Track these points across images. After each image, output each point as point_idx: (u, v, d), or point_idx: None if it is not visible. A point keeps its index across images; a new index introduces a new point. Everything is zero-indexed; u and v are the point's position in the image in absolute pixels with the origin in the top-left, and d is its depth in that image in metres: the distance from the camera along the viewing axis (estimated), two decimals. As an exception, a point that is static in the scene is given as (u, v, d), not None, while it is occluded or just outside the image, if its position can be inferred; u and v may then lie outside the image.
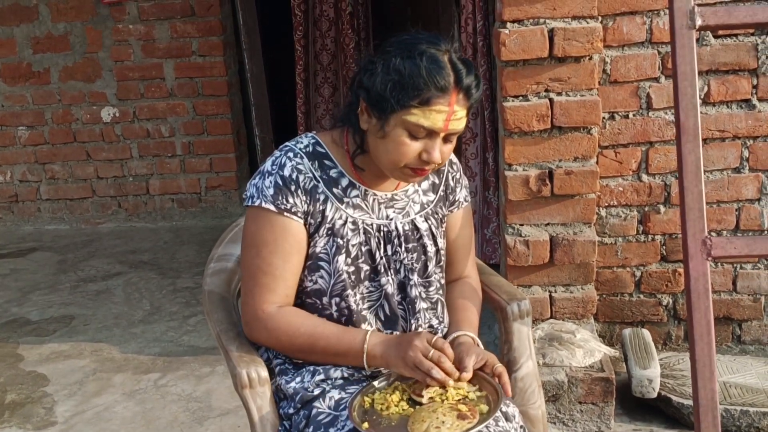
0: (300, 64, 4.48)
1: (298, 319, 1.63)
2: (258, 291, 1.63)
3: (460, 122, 1.55)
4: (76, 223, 5.38)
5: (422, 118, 1.51)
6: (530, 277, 2.74)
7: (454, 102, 1.51)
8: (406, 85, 1.50)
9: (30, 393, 3.06)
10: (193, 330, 3.55)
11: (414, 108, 1.50)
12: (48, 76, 5.14)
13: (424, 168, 1.57)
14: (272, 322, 1.62)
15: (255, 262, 1.63)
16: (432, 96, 1.49)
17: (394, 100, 1.50)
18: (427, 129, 1.52)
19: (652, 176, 2.82)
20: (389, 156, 1.56)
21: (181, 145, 5.19)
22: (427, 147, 1.54)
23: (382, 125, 1.54)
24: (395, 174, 1.61)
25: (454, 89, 1.51)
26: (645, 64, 2.71)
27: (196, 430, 2.73)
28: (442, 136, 1.54)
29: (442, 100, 1.50)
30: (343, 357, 1.61)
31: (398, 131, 1.53)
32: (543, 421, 1.83)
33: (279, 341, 1.64)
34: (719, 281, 2.92)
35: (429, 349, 1.51)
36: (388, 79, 1.51)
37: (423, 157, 1.55)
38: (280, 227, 1.60)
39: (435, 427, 1.42)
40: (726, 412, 2.49)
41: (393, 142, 1.54)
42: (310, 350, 1.62)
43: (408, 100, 1.50)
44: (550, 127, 2.58)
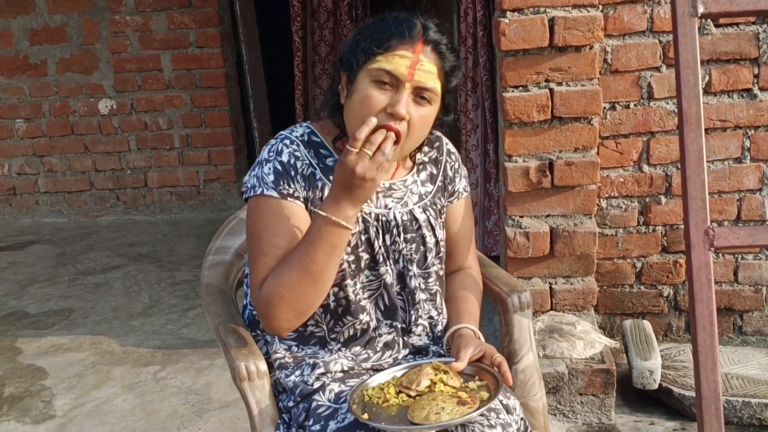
0: (298, 55, 4.46)
1: (275, 270, 1.53)
2: (257, 272, 1.55)
3: (428, 76, 1.51)
4: (74, 215, 5.37)
5: (385, 63, 1.49)
6: (530, 268, 2.73)
7: (419, 50, 1.50)
8: (372, 36, 1.52)
9: (29, 386, 3.05)
10: (192, 323, 3.54)
11: (378, 55, 1.50)
12: (45, 68, 5.12)
13: (391, 124, 1.48)
14: (265, 290, 1.52)
15: (257, 247, 1.57)
16: (396, 42, 1.50)
17: (361, 51, 1.51)
18: (390, 74, 1.49)
19: (653, 167, 2.81)
20: (356, 113, 1.51)
21: (179, 137, 5.17)
22: (392, 100, 1.49)
23: (351, 84, 1.54)
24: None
25: (421, 39, 1.51)
26: (646, 53, 2.69)
27: (196, 422, 2.72)
28: (409, 88, 1.50)
29: (405, 46, 1.50)
30: (326, 241, 1.48)
31: (364, 84, 1.51)
32: (544, 413, 1.82)
33: (284, 301, 1.51)
34: (720, 272, 2.91)
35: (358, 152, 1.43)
36: (357, 36, 1.55)
37: (388, 110, 1.49)
38: (284, 212, 1.57)
39: (435, 413, 1.41)
40: (728, 403, 2.49)
41: (359, 97, 1.51)
42: (307, 270, 1.49)
43: (372, 46, 1.50)
44: (551, 118, 2.56)
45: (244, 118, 5.31)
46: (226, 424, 2.69)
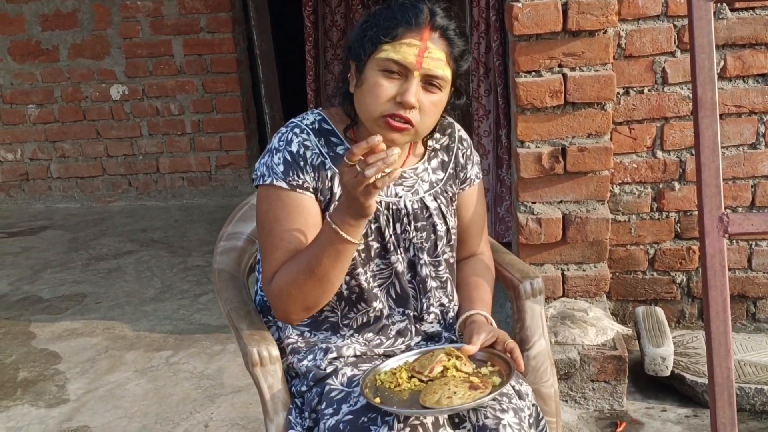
0: (309, 41, 4.44)
1: (287, 266, 1.54)
2: (268, 266, 1.58)
3: (437, 64, 1.49)
4: (86, 201, 5.39)
5: (392, 53, 1.48)
6: (542, 255, 2.72)
7: (427, 38, 1.49)
8: (378, 24, 1.51)
9: (42, 370, 3.08)
10: (205, 308, 3.55)
11: (386, 44, 1.49)
12: (57, 53, 5.13)
13: (401, 114, 1.49)
14: (275, 286, 1.55)
15: (268, 239, 1.59)
16: (403, 30, 1.49)
17: (368, 40, 1.50)
18: (398, 63, 1.48)
19: (667, 152, 2.79)
20: (366, 103, 1.52)
21: (191, 123, 5.18)
22: (401, 89, 1.49)
23: (360, 74, 1.53)
24: (375, 128, 1.53)
25: (428, 26, 1.49)
26: (660, 38, 2.66)
27: (208, 407, 2.73)
28: (417, 76, 1.49)
29: (413, 34, 1.48)
30: (334, 251, 1.48)
31: (373, 73, 1.51)
32: (555, 399, 1.82)
33: (292, 297, 1.54)
34: (734, 259, 2.89)
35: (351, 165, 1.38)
36: (364, 25, 1.54)
37: (398, 100, 1.49)
38: (292, 203, 1.58)
39: (447, 397, 1.41)
40: (740, 390, 2.48)
41: (368, 86, 1.51)
42: (314, 276, 1.50)
43: (381, 37, 1.49)
44: (564, 103, 2.54)
45: (255, 103, 5.31)
46: (238, 409, 2.70)
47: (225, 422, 2.63)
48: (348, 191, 1.41)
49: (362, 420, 1.47)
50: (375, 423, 1.45)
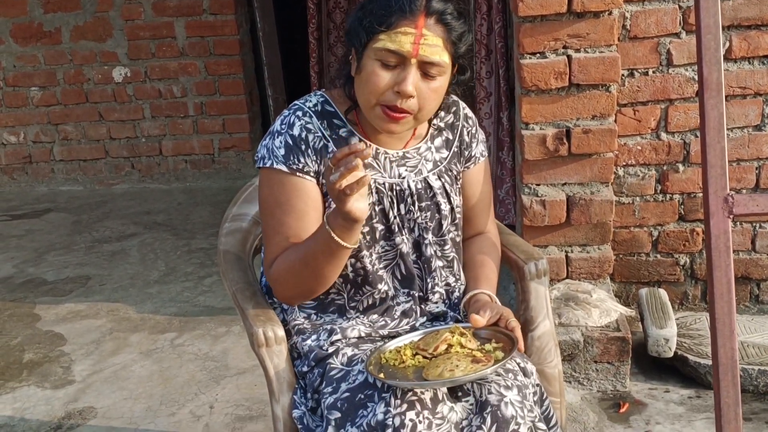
0: (312, 22, 4.41)
1: (287, 253, 1.57)
2: (270, 251, 1.61)
3: (434, 50, 1.48)
4: (89, 184, 5.39)
5: (388, 42, 1.47)
6: (546, 237, 2.72)
7: (422, 25, 1.47)
8: (373, 12, 1.49)
9: (47, 352, 3.09)
10: (209, 290, 3.56)
11: (381, 33, 1.47)
12: (59, 35, 5.11)
13: (398, 105, 1.49)
14: (274, 272, 1.59)
15: (270, 223, 1.62)
16: (398, 18, 1.47)
17: (364, 30, 1.49)
18: (394, 53, 1.47)
19: (671, 134, 2.78)
20: (363, 92, 1.52)
21: (194, 105, 5.16)
22: (398, 78, 1.49)
23: (359, 62, 1.52)
24: (372, 117, 1.55)
25: (423, 12, 1.47)
26: (666, 19, 2.65)
27: (213, 388, 2.75)
28: (414, 64, 1.48)
29: (407, 22, 1.46)
30: (327, 251, 1.50)
31: (370, 62, 1.50)
32: (559, 379, 1.83)
33: (289, 283, 1.58)
34: (738, 240, 2.89)
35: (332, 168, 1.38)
36: (359, 13, 1.52)
37: (395, 89, 1.49)
38: (292, 187, 1.59)
39: (449, 370, 1.42)
40: (743, 371, 2.48)
41: (366, 75, 1.51)
42: (310, 270, 1.53)
43: (376, 26, 1.47)
44: (568, 85, 2.53)
45: (258, 85, 5.29)
46: (243, 390, 2.72)
47: (230, 403, 2.65)
48: (333, 191, 1.40)
49: (359, 397, 1.49)
50: (372, 399, 1.46)
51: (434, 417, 1.41)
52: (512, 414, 1.45)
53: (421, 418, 1.40)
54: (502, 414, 1.44)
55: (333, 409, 1.50)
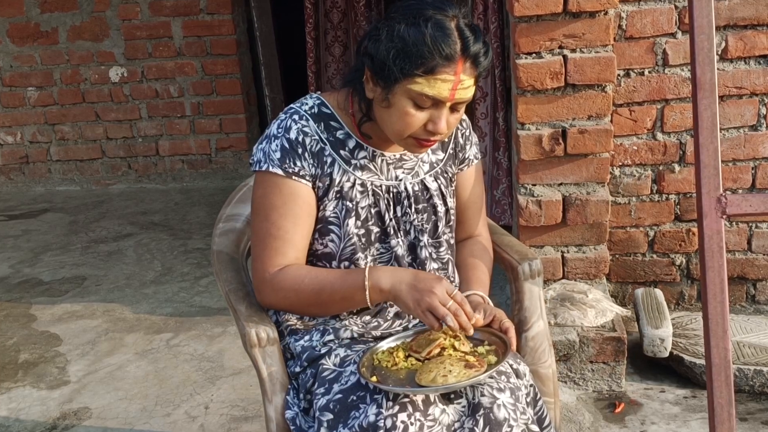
0: (310, 22, 4.42)
1: (301, 272, 1.59)
2: (266, 255, 1.61)
3: (468, 91, 1.50)
4: (86, 184, 5.39)
5: (427, 88, 1.46)
6: (542, 237, 2.72)
7: (460, 71, 1.46)
8: (410, 54, 1.44)
9: (43, 353, 3.09)
10: (205, 291, 3.56)
11: (418, 77, 1.45)
12: (56, 35, 5.11)
13: (430, 139, 1.53)
14: (277, 281, 1.60)
15: (264, 226, 1.61)
16: (437, 65, 1.44)
17: (398, 69, 1.45)
18: (432, 98, 1.47)
19: (667, 134, 2.78)
20: (394, 126, 1.53)
21: (191, 105, 5.16)
22: (432, 117, 1.50)
23: (387, 95, 1.50)
24: (401, 144, 1.58)
25: (461, 57, 1.45)
26: (662, 19, 2.65)
27: (209, 389, 2.74)
28: (448, 105, 1.50)
29: (447, 69, 1.45)
30: (350, 300, 1.57)
31: (403, 101, 1.49)
32: (553, 379, 1.83)
33: (287, 299, 1.61)
34: (734, 241, 2.89)
35: (448, 299, 1.45)
36: (391, 47, 1.46)
37: (429, 128, 1.51)
38: (288, 191, 1.59)
39: (442, 376, 1.41)
40: (739, 371, 2.48)
41: (398, 112, 1.50)
42: (318, 301, 1.58)
43: (412, 68, 1.44)
44: (564, 85, 2.53)
45: (255, 85, 5.29)
46: (239, 391, 2.71)
47: (225, 404, 2.64)
48: (419, 298, 1.46)
49: (351, 398, 1.48)
50: (364, 401, 1.46)
51: (426, 419, 1.41)
52: (505, 416, 1.44)
53: (412, 420, 1.40)
54: (494, 416, 1.44)
55: (325, 411, 1.50)
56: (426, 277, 1.49)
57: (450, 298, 1.46)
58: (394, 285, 1.50)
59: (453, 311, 1.45)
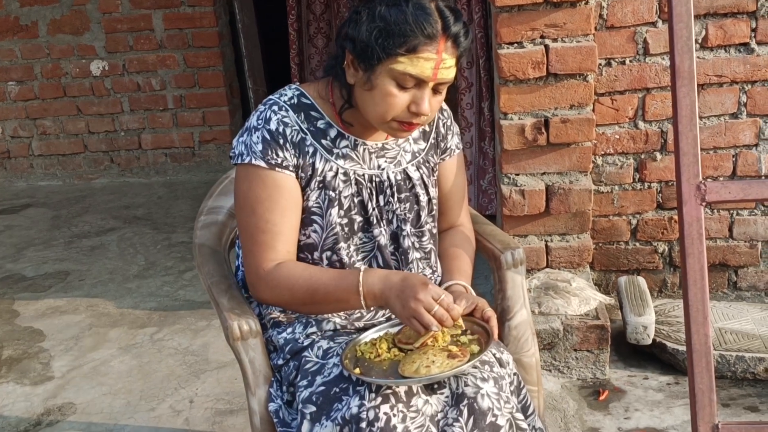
0: (292, 14, 4.39)
1: (296, 271, 1.58)
2: (257, 250, 1.60)
3: (450, 71, 1.50)
4: (69, 178, 5.35)
5: (410, 66, 1.46)
6: (526, 226, 2.73)
7: (442, 50, 1.47)
8: (392, 33, 1.45)
9: (26, 348, 3.07)
10: (189, 284, 3.54)
11: (401, 56, 1.46)
12: (36, 29, 5.06)
13: (413, 121, 1.53)
14: (272, 279, 1.59)
15: (251, 221, 1.60)
16: (419, 43, 1.45)
17: (380, 49, 1.46)
18: (415, 77, 1.48)
19: (649, 123, 2.79)
20: (377, 109, 1.52)
21: (173, 98, 5.13)
22: (415, 98, 1.50)
23: (369, 77, 1.50)
24: (384, 128, 1.58)
25: (442, 36, 1.47)
26: (642, 8, 2.65)
27: (193, 382, 2.74)
28: (431, 86, 1.50)
29: (429, 48, 1.46)
30: (344, 302, 1.56)
31: (386, 82, 1.49)
32: (537, 368, 1.84)
33: (282, 297, 1.60)
34: (715, 228, 2.91)
35: (433, 305, 1.44)
36: (373, 27, 1.47)
37: (412, 109, 1.51)
38: (272, 183, 1.58)
39: (425, 366, 1.42)
40: (721, 357, 2.50)
41: (380, 93, 1.50)
42: (312, 301, 1.58)
43: (395, 47, 1.45)
44: (546, 75, 2.53)
45: (238, 78, 5.26)
46: (224, 384, 2.71)
47: (210, 397, 2.64)
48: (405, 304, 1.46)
49: (334, 390, 1.49)
50: (347, 393, 1.46)
51: (409, 410, 1.41)
52: (489, 406, 1.45)
53: (395, 411, 1.40)
54: (478, 406, 1.44)
55: (308, 403, 1.50)
56: (413, 282, 1.48)
57: (436, 304, 1.45)
58: (384, 290, 1.51)
59: (439, 317, 1.44)
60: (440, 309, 1.45)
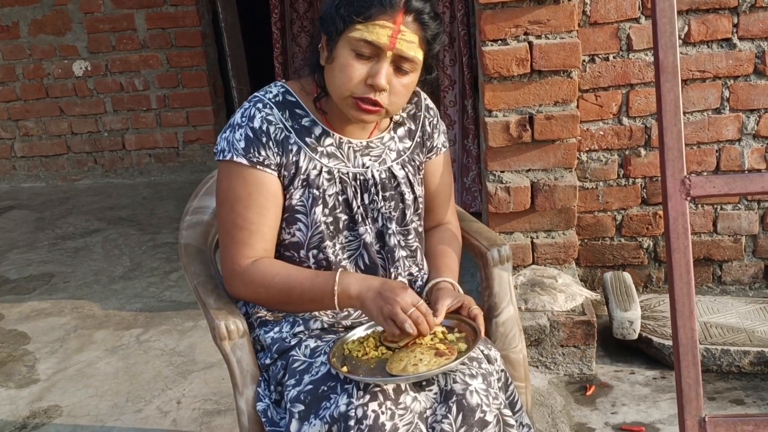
0: (276, 12, 4.38)
1: (272, 269, 1.59)
2: (234, 247, 1.60)
3: (410, 46, 1.49)
4: (52, 180, 5.31)
5: (365, 33, 1.47)
6: (512, 223, 2.73)
7: (400, 21, 1.47)
8: (352, 2, 1.48)
9: (11, 351, 3.04)
10: (175, 285, 3.53)
11: (358, 24, 1.47)
12: (17, 30, 5.02)
13: (370, 97, 1.50)
14: (248, 275, 1.59)
15: (230, 217, 1.60)
16: (376, 11, 1.47)
17: (340, 18, 1.48)
18: (371, 44, 1.47)
19: (633, 119, 2.80)
20: (336, 82, 1.52)
21: (156, 98, 5.10)
22: (372, 70, 1.49)
23: (332, 50, 1.52)
24: (345, 107, 1.55)
25: (402, 8, 1.47)
26: (625, 4, 2.67)
27: (180, 383, 2.72)
28: (389, 57, 1.49)
29: (386, 16, 1.47)
30: (319, 302, 1.58)
31: (345, 52, 1.50)
32: (524, 364, 1.84)
33: (257, 294, 1.62)
34: (700, 223, 2.93)
35: (410, 307, 1.46)
36: (337, 1, 1.51)
37: (368, 82, 1.49)
38: (253, 181, 1.57)
39: (413, 364, 1.42)
40: (707, 351, 2.52)
41: (339, 65, 1.51)
42: (287, 300, 1.59)
43: (352, 15, 1.47)
44: (530, 72, 2.54)
45: (222, 77, 5.24)
46: (211, 384, 2.70)
47: (197, 398, 2.63)
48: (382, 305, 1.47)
49: (322, 389, 1.48)
50: (335, 391, 1.46)
51: (397, 407, 1.41)
52: (477, 402, 1.45)
53: (383, 408, 1.40)
54: (467, 403, 1.44)
55: (296, 402, 1.50)
56: (393, 286, 1.49)
57: (413, 307, 1.46)
58: (361, 292, 1.51)
59: (414, 318, 1.45)
60: (416, 311, 1.45)
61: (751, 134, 2.81)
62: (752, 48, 2.70)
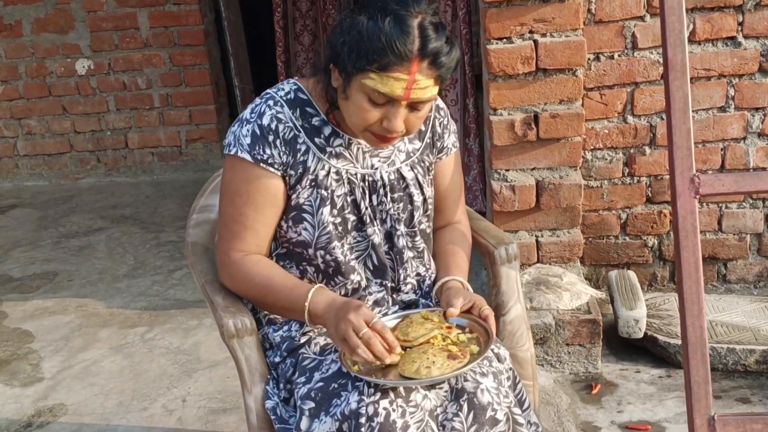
0: (278, 11, 4.38)
1: (255, 268, 1.61)
2: (227, 238, 1.63)
3: (425, 92, 1.45)
4: (55, 178, 5.31)
5: (379, 84, 1.42)
6: (517, 222, 2.73)
7: (415, 70, 1.41)
8: (363, 49, 1.41)
9: (16, 350, 3.04)
10: (179, 283, 3.53)
11: (372, 73, 1.41)
12: (20, 28, 5.01)
13: (387, 136, 1.50)
14: (233, 269, 1.63)
15: (228, 210, 1.63)
16: (390, 62, 1.40)
17: (351, 63, 1.43)
18: (385, 96, 1.44)
19: (638, 117, 2.80)
20: (351, 119, 1.51)
21: (159, 97, 5.10)
22: (387, 115, 1.47)
23: (345, 86, 1.48)
24: (362, 137, 1.56)
25: (417, 57, 1.40)
26: (630, 2, 2.66)
27: (185, 382, 2.72)
28: (404, 104, 1.46)
29: (400, 68, 1.40)
30: (290, 312, 1.59)
31: (359, 96, 1.46)
32: (531, 362, 1.84)
33: (239, 289, 1.66)
34: (704, 221, 2.92)
35: (362, 327, 1.41)
36: (346, 40, 1.44)
37: (384, 125, 1.48)
38: (254, 178, 1.58)
39: (425, 367, 1.41)
40: (713, 350, 2.52)
41: (354, 106, 1.48)
42: (263, 302, 1.63)
43: (365, 64, 1.41)
44: (535, 70, 2.54)
45: (224, 76, 5.24)
46: (216, 383, 2.70)
47: (203, 396, 2.63)
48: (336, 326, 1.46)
49: (333, 386, 1.48)
50: (345, 389, 1.46)
51: (408, 405, 1.41)
52: (489, 401, 1.45)
53: (394, 406, 1.40)
54: (478, 401, 1.44)
55: (307, 399, 1.50)
56: (346, 306, 1.46)
57: (366, 327, 1.42)
58: (325, 312, 1.51)
59: (365, 339, 1.41)
60: (369, 331, 1.41)
61: (756, 132, 2.80)
62: (757, 46, 2.70)
